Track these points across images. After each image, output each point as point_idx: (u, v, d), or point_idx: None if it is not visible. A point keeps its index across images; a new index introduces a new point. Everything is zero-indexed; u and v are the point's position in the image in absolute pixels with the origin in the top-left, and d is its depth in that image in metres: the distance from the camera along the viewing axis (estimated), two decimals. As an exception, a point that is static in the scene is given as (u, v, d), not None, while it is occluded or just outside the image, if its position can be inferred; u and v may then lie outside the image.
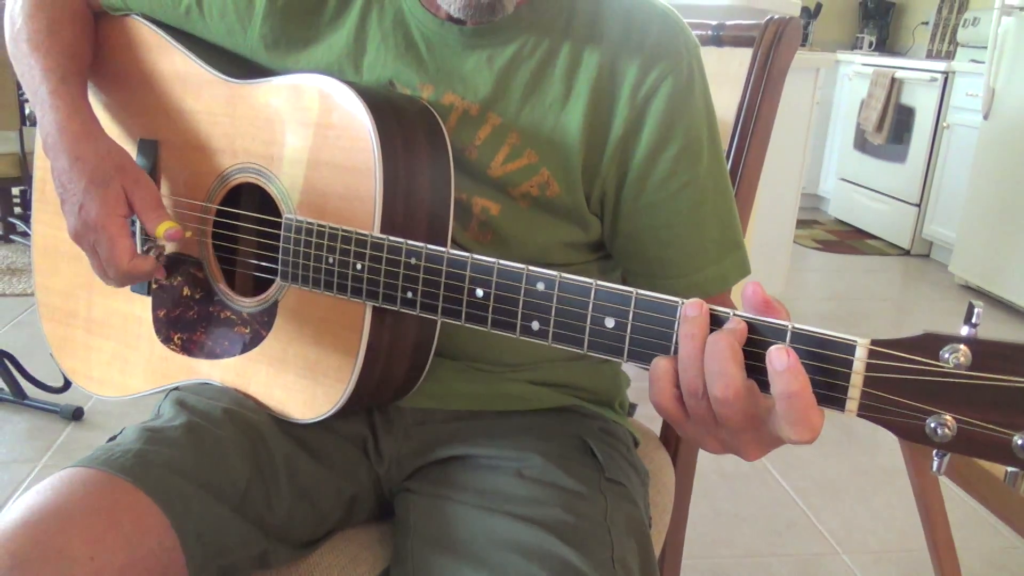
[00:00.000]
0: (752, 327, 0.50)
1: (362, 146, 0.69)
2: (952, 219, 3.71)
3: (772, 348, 0.47)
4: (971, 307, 0.45)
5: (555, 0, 0.75)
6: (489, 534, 0.67)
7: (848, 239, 4.33)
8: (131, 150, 0.86)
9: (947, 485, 0.99)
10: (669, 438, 1.00)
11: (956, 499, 1.50)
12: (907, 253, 4.08)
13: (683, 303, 0.52)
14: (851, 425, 2.20)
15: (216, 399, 0.76)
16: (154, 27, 0.84)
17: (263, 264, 0.79)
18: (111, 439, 0.71)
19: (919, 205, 4.00)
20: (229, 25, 0.80)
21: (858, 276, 3.70)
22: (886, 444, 2.09)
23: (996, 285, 3.29)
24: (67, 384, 1.90)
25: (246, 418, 0.74)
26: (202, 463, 0.68)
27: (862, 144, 4.43)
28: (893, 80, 4.11)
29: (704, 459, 1.98)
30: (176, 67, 0.83)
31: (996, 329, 3.08)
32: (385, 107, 0.70)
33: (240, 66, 0.82)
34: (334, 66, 0.78)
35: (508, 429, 0.79)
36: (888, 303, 3.39)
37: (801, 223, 4.29)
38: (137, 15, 0.85)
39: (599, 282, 0.55)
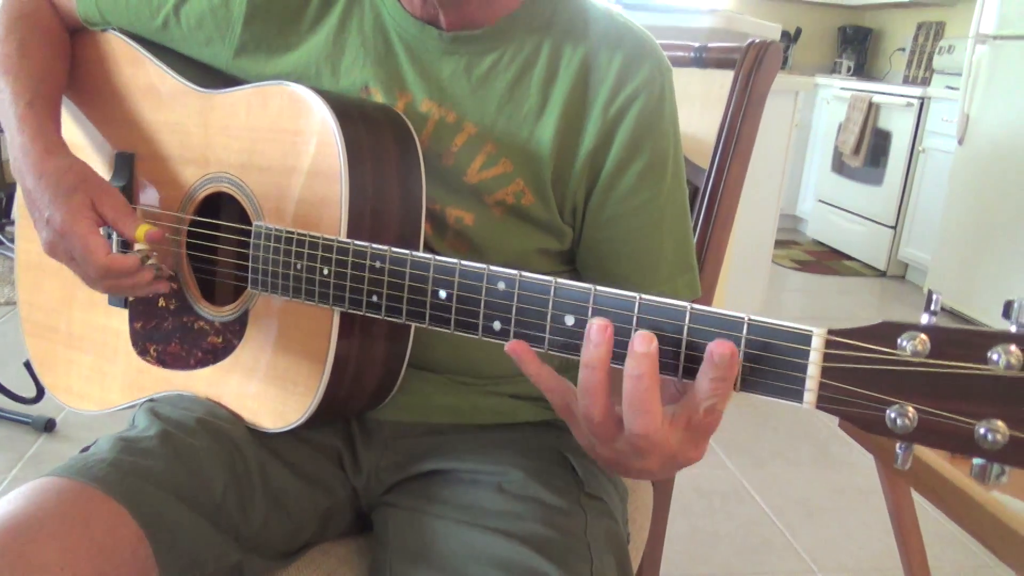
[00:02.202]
0: (709, 320, 0.49)
1: (328, 151, 0.69)
2: (927, 242, 3.77)
3: (714, 341, 0.47)
4: (930, 294, 0.44)
5: (535, 15, 0.76)
6: (468, 549, 0.67)
7: (825, 260, 4.37)
8: (108, 163, 0.86)
9: (921, 504, 1.00)
10: (648, 454, 1.00)
11: (930, 518, 1.51)
12: (883, 274, 4.13)
13: (639, 298, 0.51)
14: (827, 445, 2.21)
15: (190, 409, 0.75)
16: (130, 41, 0.84)
17: (236, 273, 0.79)
18: (84, 449, 0.70)
19: (895, 227, 4.06)
20: (207, 34, 0.80)
21: (835, 297, 3.74)
22: (862, 464, 2.11)
23: (969, 307, 3.35)
24: (39, 395, 1.88)
25: (220, 428, 0.73)
26: (177, 473, 0.67)
27: (840, 167, 4.49)
28: (870, 104, 4.18)
29: (682, 477, 1.98)
30: (151, 79, 0.83)
31: (970, 351, 3.11)
32: (352, 112, 0.71)
33: (215, 76, 0.82)
34: (312, 69, 0.78)
35: (488, 443, 0.79)
36: (864, 323, 3.42)
37: (779, 243, 4.34)
38: (115, 29, 0.85)
39: (558, 279, 0.55)
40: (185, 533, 0.65)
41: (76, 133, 0.89)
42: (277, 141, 0.73)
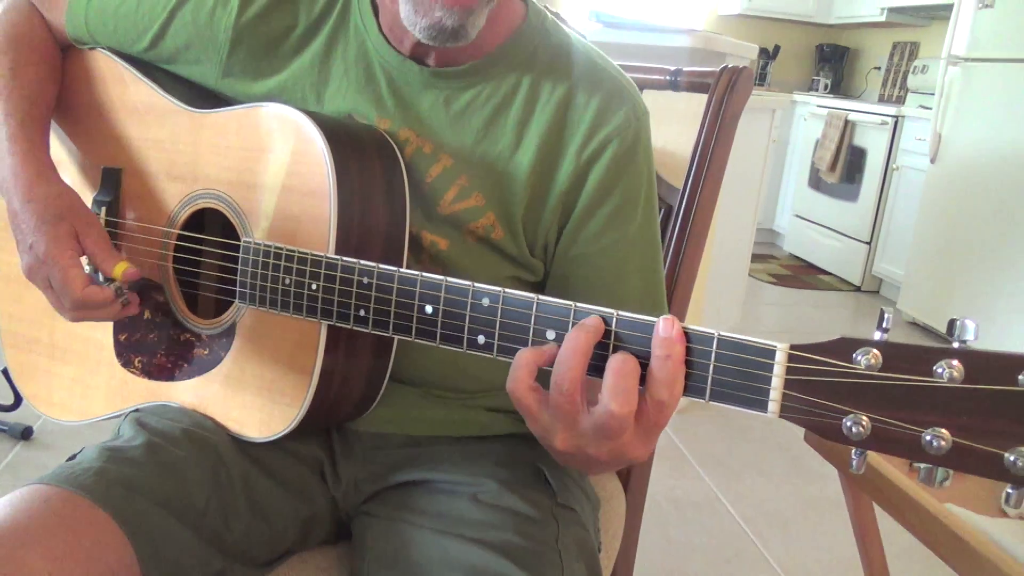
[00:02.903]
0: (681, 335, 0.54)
1: (317, 170, 0.71)
2: (900, 257, 3.84)
3: (661, 317, 0.53)
4: (882, 313, 0.48)
5: (517, 52, 0.78)
6: (443, 557, 0.69)
7: (802, 274, 4.43)
8: (95, 178, 0.87)
9: (888, 519, 1.03)
10: (621, 466, 1.02)
11: (895, 532, 1.54)
12: (858, 289, 4.20)
13: (616, 314, 0.55)
14: (800, 457, 2.25)
15: (175, 420, 0.77)
16: (119, 59, 0.86)
17: (223, 287, 0.81)
18: (70, 458, 0.71)
19: (870, 243, 4.13)
20: (195, 54, 0.82)
21: (810, 310, 3.80)
22: (833, 476, 2.13)
23: (941, 322, 3.40)
24: (17, 402, 1.87)
25: (204, 438, 0.75)
26: (162, 482, 0.69)
27: (816, 182, 4.56)
28: (846, 122, 4.25)
29: (655, 487, 2.01)
30: (140, 97, 0.85)
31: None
32: (340, 133, 0.73)
33: (203, 96, 0.84)
34: (297, 94, 0.80)
35: (464, 454, 0.81)
36: (836, 338, 3.47)
37: (757, 257, 4.40)
38: (103, 48, 0.87)
39: (541, 296, 0.58)
40: (169, 541, 0.66)
41: (64, 149, 0.90)
42: (267, 160, 0.75)
